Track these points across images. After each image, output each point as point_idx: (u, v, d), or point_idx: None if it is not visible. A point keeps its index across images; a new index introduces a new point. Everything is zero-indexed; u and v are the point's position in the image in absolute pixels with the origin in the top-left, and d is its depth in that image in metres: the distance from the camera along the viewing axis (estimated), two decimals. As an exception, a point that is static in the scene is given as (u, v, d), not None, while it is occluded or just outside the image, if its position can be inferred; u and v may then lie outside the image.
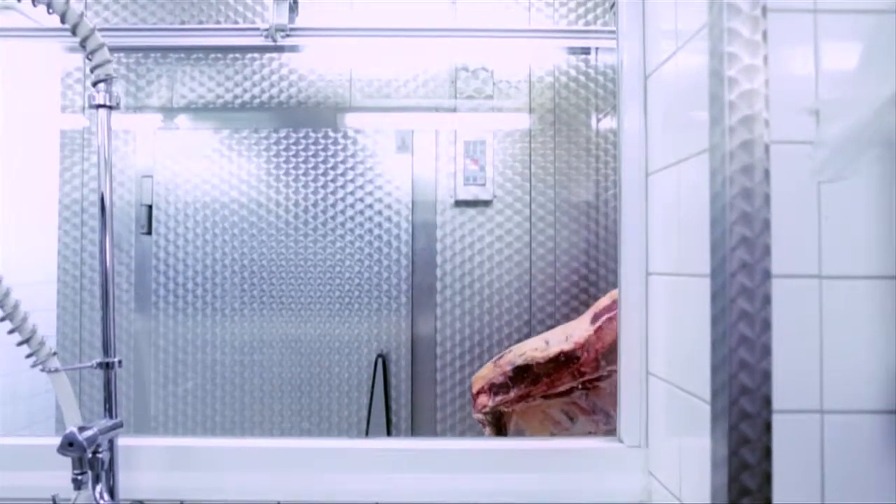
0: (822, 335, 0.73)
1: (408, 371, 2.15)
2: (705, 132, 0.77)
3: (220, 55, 2.17)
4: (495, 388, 1.64)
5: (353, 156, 2.16)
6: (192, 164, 2.16)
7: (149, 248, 2.16)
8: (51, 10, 1.02)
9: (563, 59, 2.15)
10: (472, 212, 2.15)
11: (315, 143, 2.16)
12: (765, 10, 0.72)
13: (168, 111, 2.18)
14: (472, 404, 1.69)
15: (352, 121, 2.17)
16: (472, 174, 2.13)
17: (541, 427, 1.74)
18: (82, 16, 1.02)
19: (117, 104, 1.08)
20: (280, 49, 2.10)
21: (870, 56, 0.73)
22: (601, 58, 2.13)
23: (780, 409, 0.71)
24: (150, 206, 2.16)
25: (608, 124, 2.12)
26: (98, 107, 1.07)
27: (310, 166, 2.15)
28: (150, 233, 2.16)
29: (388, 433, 2.10)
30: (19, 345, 1.03)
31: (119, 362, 1.08)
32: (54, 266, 2.16)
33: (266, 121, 2.17)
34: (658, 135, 1.02)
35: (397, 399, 2.15)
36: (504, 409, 1.68)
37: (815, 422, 0.72)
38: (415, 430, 2.15)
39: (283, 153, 2.16)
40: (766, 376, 0.70)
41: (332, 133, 2.16)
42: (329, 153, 2.16)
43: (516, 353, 1.63)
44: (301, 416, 2.14)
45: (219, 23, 2.15)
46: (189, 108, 2.18)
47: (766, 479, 0.70)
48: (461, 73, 2.17)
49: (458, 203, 2.15)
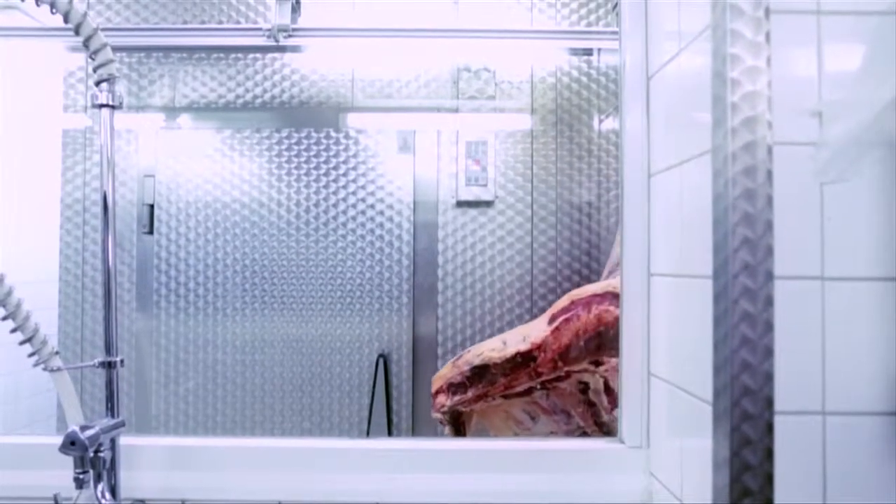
0: (825, 337, 0.73)
1: (409, 371, 2.15)
2: (708, 133, 0.77)
3: (222, 55, 2.17)
4: (453, 387, 1.64)
5: (354, 156, 2.16)
6: (194, 164, 2.16)
7: (151, 247, 2.16)
8: (54, 10, 1.02)
9: (566, 60, 2.15)
10: (473, 212, 2.15)
11: (317, 143, 2.16)
12: (768, 11, 0.72)
13: (170, 111, 2.18)
14: (432, 404, 1.69)
15: (354, 121, 2.17)
16: (474, 175, 2.13)
17: (504, 426, 1.75)
18: (85, 15, 1.02)
19: (120, 104, 1.09)
20: (282, 49, 2.10)
21: (872, 58, 0.73)
22: (603, 59, 2.13)
23: (781, 411, 0.71)
24: (151, 206, 2.17)
25: (610, 125, 2.12)
26: (100, 106, 1.07)
27: (312, 166, 2.15)
28: (151, 232, 2.16)
29: (389, 433, 2.10)
30: (21, 343, 1.03)
31: (121, 361, 1.08)
32: (56, 265, 2.16)
33: (268, 121, 2.17)
34: (660, 136, 1.02)
35: (398, 399, 2.15)
36: (462, 409, 1.69)
37: (817, 423, 0.72)
38: (416, 430, 2.15)
39: (285, 153, 2.16)
40: (768, 377, 0.70)
41: (333, 133, 2.16)
42: (331, 153, 2.16)
43: (474, 354, 1.63)
44: (302, 416, 2.14)
45: (221, 23, 2.15)
46: (191, 108, 2.18)
47: (768, 479, 0.70)
48: (463, 73, 2.17)
49: (460, 203, 2.15)
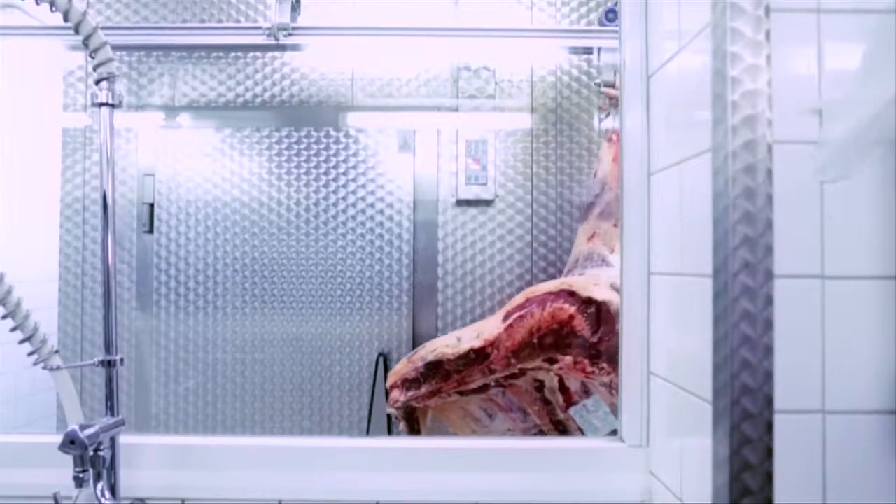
0: (825, 335, 0.73)
1: (409, 370, 2.14)
2: (708, 132, 0.77)
3: (222, 54, 2.17)
4: (407, 383, 1.65)
5: (354, 155, 2.16)
6: (194, 163, 2.16)
7: (150, 246, 2.16)
8: (53, 9, 1.02)
9: (566, 59, 2.15)
10: (473, 211, 2.15)
11: (317, 142, 2.16)
12: (768, 9, 0.72)
13: (170, 110, 2.18)
14: (387, 399, 1.69)
15: (354, 120, 2.17)
16: (474, 173, 2.13)
17: (461, 423, 1.75)
18: (85, 14, 1.02)
19: (119, 102, 1.09)
20: (282, 48, 2.10)
21: (873, 56, 0.73)
22: (603, 57, 2.13)
23: (781, 409, 0.71)
24: (151, 205, 2.16)
25: (610, 124, 2.12)
26: (100, 105, 1.07)
27: (311, 165, 2.15)
28: (151, 231, 2.16)
29: (389, 432, 2.10)
30: (21, 342, 1.03)
31: (121, 360, 1.08)
32: (56, 264, 2.16)
33: (268, 120, 2.17)
34: (660, 134, 1.02)
35: (398, 398, 2.14)
36: (416, 405, 1.69)
37: (817, 422, 0.72)
38: (416, 429, 2.15)
39: (285, 152, 2.16)
40: (768, 376, 0.70)
41: (333, 132, 2.16)
42: (331, 152, 2.16)
43: (428, 350, 1.64)
44: (302, 415, 2.14)
45: (221, 21, 2.15)
46: (191, 107, 2.18)
47: (768, 478, 0.70)
48: (463, 72, 2.17)
49: (460, 202, 2.15)
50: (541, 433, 1.69)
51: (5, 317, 1.01)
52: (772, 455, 0.70)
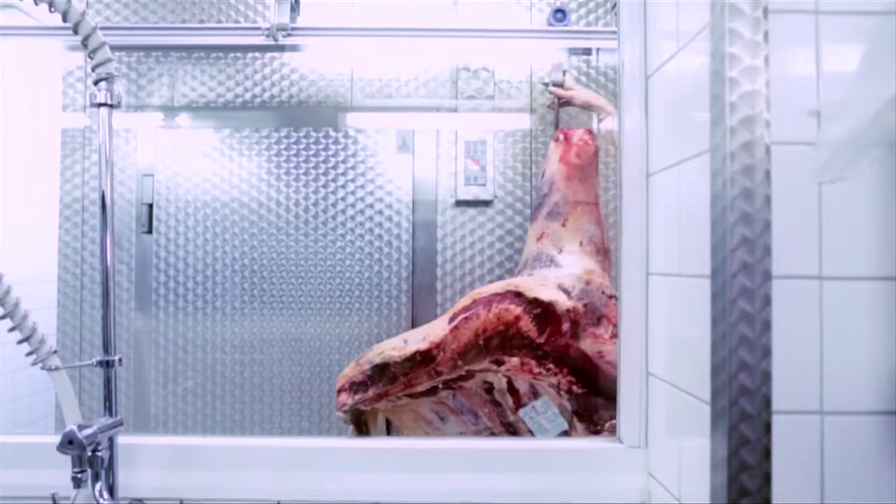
0: (823, 336, 0.73)
1: (408, 371, 2.14)
2: (706, 133, 0.77)
3: (221, 54, 2.17)
4: (355, 386, 1.63)
5: (353, 155, 2.16)
6: (193, 163, 2.16)
7: (149, 246, 2.16)
8: (52, 9, 1.02)
9: (565, 60, 2.15)
10: (472, 212, 2.15)
11: (316, 142, 2.16)
12: (766, 11, 0.72)
13: (169, 110, 2.18)
14: (336, 403, 1.68)
15: (353, 120, 2.17)
16: (473, 174, 2.13)
17: (415, 426, 1.74)
18: (84, 14, 1.02)
19: (118, 103, 1.09)
20: (281, 48, 2.10)
21: (871, 57, 0.73)
22: (602, 58, 2.13)
23: (779, 410, 0.71)
24: (150, 205, 2.16)
25: (609, 124, 2.12)
26: (99, 105, 1.07)
27: (311, 166, 2.15)
28: (150, 231, 2.16)
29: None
30: (20, 343, 1.03)
31: (119, 361, 1.08)
32: (55, 264, 2.16)
33: (267, 120, 2.17)
34: (659, 135, 1.02)
35: (397, 399, 2.14)
36: (364, 408, 1.67)
37: (815, 423, 0.72)
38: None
39: (284, 152, 2.16)
40: (767, 377, 0.70)
41: (333, 132, 2.16)
42: (330, 153, 2.16)
43: (376, 353, 1.62)
44: (301, 416, 2.14)
45: (220, 22, 2.15)
46: (190, 107, 2.18)
47: (766, 479, 0.70)
48: (462, 73, 2.17)
49: (459, 203, 2.15)
50: (493, 435, 1.68)
51: (4, 317, 1.01)
52: (770, 456, 0.70)
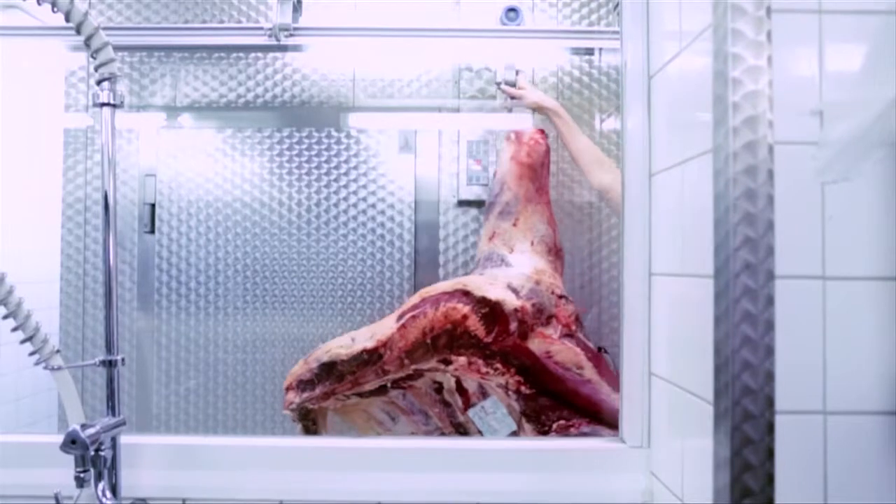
0: (826, 336, 0.73)
1: (410, 371, 2.14)
2: (709, 133, 0.77)
3: (223, 54, 2.17)
4: (302, 384, 1.62)
5: (356, 155, 2.16)
6: (196, 163, 2.16)
7: (152, 246, 2.16)
8: (55, 9, 1.02)
9: (567, 60, 2.15)
10: (474, 212, 2.15)
11: (318, 142, 2.16)
12: (769, 10, 0.72)
13: (171, 110, 2.18)
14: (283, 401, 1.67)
15: (355, 121, 2.17)
16: (475, 174, 2.13)
17: (366, 426, 1.73)
18: (86, 14, 1.03)
19: (121, 103, 1.09)
20: (283, 48, 2.10)
21: (874, 57, 0.73)
22: (605, 58, 2.13)
23: (782, 410, 0.71)
24: (153, 205, 2.17)
25: (611, 125, 2.12)
26: (102, 105, 1.07)
27: (313, 166, 2.15)
28: (153, 231, 2.16)
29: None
30: (23, 342, 1.03)
31: (122, 360, 1.08)
32: (57, 264, 2.16)
33: (269, 120, 2.17)
34: (661, 135, 1.02)
35: (399, 399, 2.14)
36: (311, 406, 1.65)
37: (818, 423, 0.72)
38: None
39: (286, 153, 2.16)
40: (769, 377, 0.70)
41: (335, 133, 2.16)
42: (332, 153, 2.16)
43: (323, 351, 1.61)
44: (303, 416, 2.14)
45: (222, 22, 2.15)
46: (192, 107, 2.18)
47: (769, 479, 0.70)
48: (464, 73, 2.17)
49: (461, 203, 2.15)
50: (443, 435, 1.67)
51: (7, 317, 1.01)
52: (773, 456, 0.70)
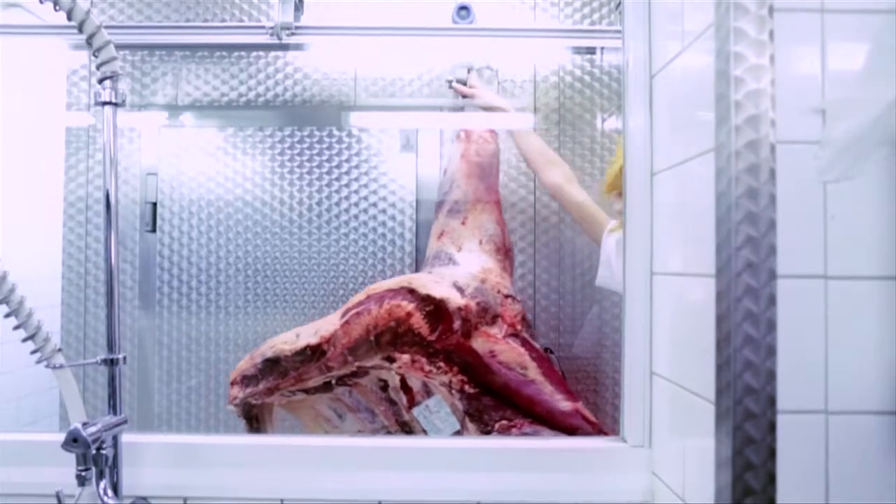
0: (828, 335, 0.73)
1: (411, 370, 2.14)
2: (711, 132, 0.77)
3: (225, 53, 2.17)
4: (246, 379, 1.61)
5: (357, 155, 2.16)
6: (197, 162, 2.16)
7: (153, 245, 2.16)
8: (57, 8, 1.02)
9: (569, 59, 2.15)
10: (476, 211, 2.14)
11: (319, 141, 2.16)
12: (771, 9, 0.72)
13: (173, 109, 2.18)
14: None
15: (356, 120, 2.16)
16: (477, 173, 2.13)
17: (314, 424, 1.72)
18: (88, 13, 1.03)
19: (123, 101, 1.09)
20: (285, 47, 2.10)
21: (877, 56, 0.73)
22: (606, 57, 2.13)
23: (784, 410, 0.71)
24: (154, 204, 2.17)
25: (613, 124, 2.12)
26: (103, 104, 1.07)
27: (314, 165, 2.15)
28: (154, 230, 2.16)
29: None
30: (24, 341, 1.03)
31: (123, 359, 1.08)
32: (59, 263, 2.16)
33: (271, 119, 2.17)
34: (663, 134, 1.02)
35: (400, 398, 2.14)
36: (254, 402, 1.65)
37: (820, 422, 0.72)
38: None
39: (288, 152, 2.16)
40: (771, 376, 0.70)
41: (336, 132, 2.16)
42: (333, 152, 2.16)
43: (268, 346, 1.61)
44: (304, 415, 2.14)
45: (224, 21, 2.15)
46: (194, 106, 2.18)
47: (771, 479, 0.70)
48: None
49: (463, 202, 2.15)
50: (389, 434, 1.66)
51: (8, 315, 1.01)
52: (774, 455, 0.70)
